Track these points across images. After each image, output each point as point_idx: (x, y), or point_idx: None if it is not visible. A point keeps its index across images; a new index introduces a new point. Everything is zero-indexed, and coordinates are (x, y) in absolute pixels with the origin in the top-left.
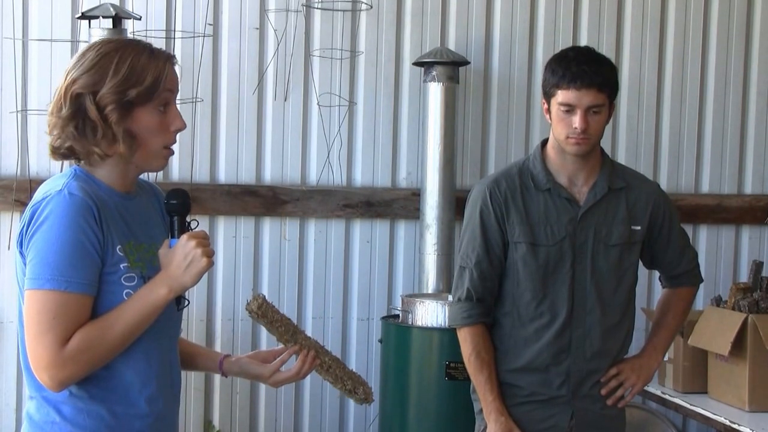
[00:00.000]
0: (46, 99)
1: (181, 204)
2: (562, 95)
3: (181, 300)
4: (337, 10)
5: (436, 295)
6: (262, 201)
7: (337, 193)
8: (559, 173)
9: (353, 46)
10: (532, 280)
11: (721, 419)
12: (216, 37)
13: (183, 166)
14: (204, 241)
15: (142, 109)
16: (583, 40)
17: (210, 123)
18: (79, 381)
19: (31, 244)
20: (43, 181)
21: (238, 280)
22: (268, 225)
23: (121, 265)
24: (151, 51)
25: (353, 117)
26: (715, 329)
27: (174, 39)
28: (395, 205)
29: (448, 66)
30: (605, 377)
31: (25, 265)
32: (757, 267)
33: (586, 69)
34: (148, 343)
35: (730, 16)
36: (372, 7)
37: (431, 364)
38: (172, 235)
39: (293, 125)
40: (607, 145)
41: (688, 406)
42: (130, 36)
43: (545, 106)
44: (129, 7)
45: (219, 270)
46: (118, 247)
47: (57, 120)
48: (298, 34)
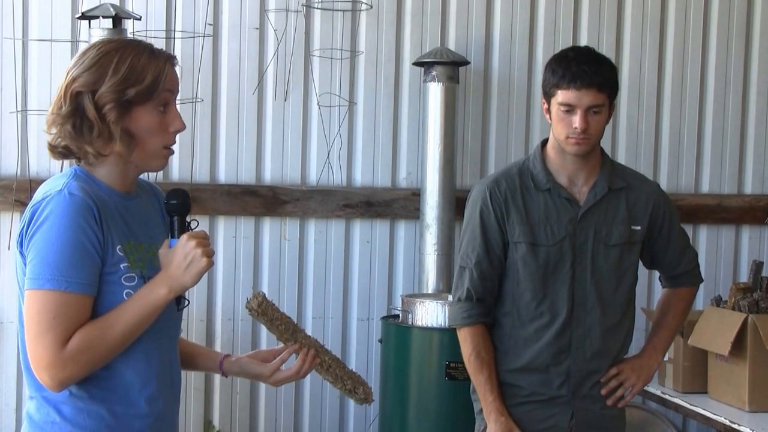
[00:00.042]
0: (46, 99)
1: (181, 204)
2: (562, 95)
3: (181, 300)
4: (337, 10)
5: (436, 295)
6: (262, 201)
7: (337, 193)
8: (559, 173)
9: (353, 46)
10: (532, 280)
11: (721, 419)
12: (216, 37)
13: (183, 166)
14: (204, 241)
15: (141, 108)
16: (583, 40)
17: (210, 123)
18: (80, 381)
19: (31, 244)
20: (43, 182)
21: (238, 280)
22: (268, 225)
23: (122, 265)
24: (151, 51)
25: (353, 117)
26: (715, 329)
27: (174, 39)
28: (395, 205)
29: (448, 66)
30: (605, 377)
31: (25, 265)
32: (757, 267)
33: (586, 69)
34: (148, 343)
35: (730, 16)
36: (372, 7)
37: (431, 364)
38: (172, 235)
39: (293, 125)
40: (607, 145)
41: (688, 406)
42: (130, 36)
43: (545, 106)
44: (129, 7)
45: (219, 270)
46: (118, 247)
47: (56, 118)
48: (298, 34)
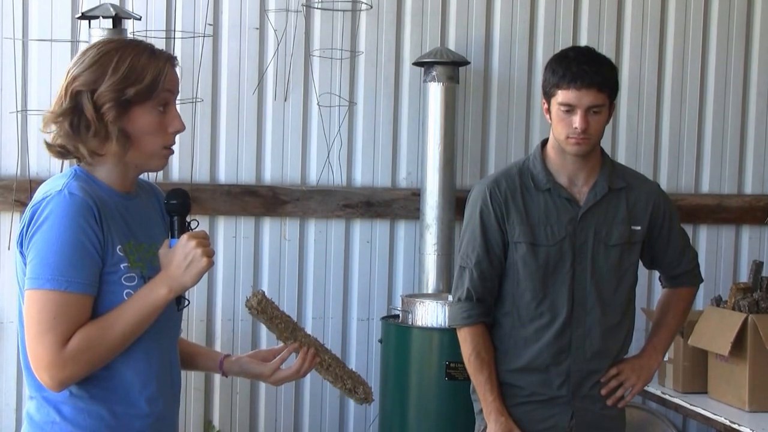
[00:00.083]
0: (46, 99)
1: (181, 204)
2: (562, 95)
3: (181, 300)
4: (337, 10)
5: (436, 295)
6: (262, 201)
7: (337, 193)
8: (559, 173)
9: (353, 46)
10: (532, 280)
11: (721, 419)
12: (216, 37)
13: (183, 166)
14: (204, 241)
15: (141, 108)
16: (583, 40)
17: (210, 123)
18: (80, 381)
19: (31, 244)
20: (43, 182)
21: (238, 280)
22: (268, 225)
23: (122, 265)
24: (152, 51)
25: (353, 117)
26: (715, 329)
27: (174, 39)
28: (395, 205)
29: (448, 66)
30: (605, 377)
31: (25, 265)
32: (757, 267)
33: (586, 69)
34: (148, 343)
35: (730, 16)
36: (372, 7)
37: (431, 364)
38: (172, 235)
39: (293, 125)
40: (607, 145)
41: (688, 406)
42: (131, 36)
43: (545, 106)
44: (129, 7)
45: (219, 270)
46: (119, 247)
47: (55, 116)
48: (298, 34)
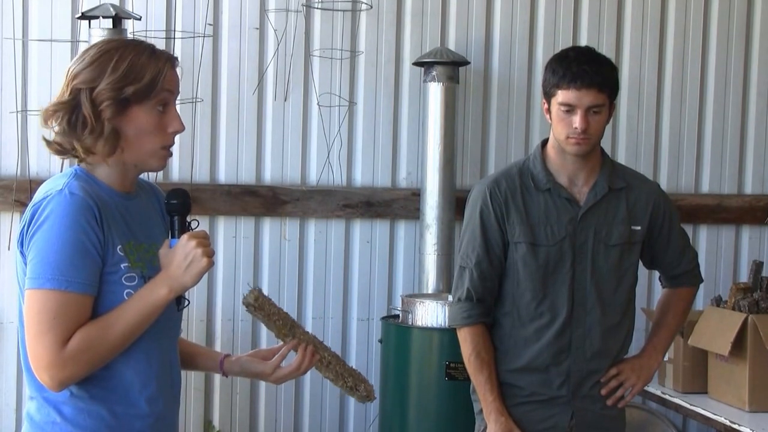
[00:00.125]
0: (46, 99)
1: (182, 204)
2: (562, 95)
3: (182, 300)
4: (337, 10)
5: (436, 296)
6: (262, 201)
7: (337, 193)
8: (559, 173)
9: (353, 46)
10: (532, 280)
11: (721, 419)
12: (216, 37)
13: (183, 166)
14: (204, 241)
15: (139, 107)
16: (583, 41)
17: (210, 123)
18: (80, 381)
19: (31, 243)
20: (43, 182)
21: (238, 281)
22: (268, 225)
23: (122, 265)
24: (152, 51)
25: (353, 117)
26: (715, 329)
27: (174, 39)
28: (395, 205)
29: (448, 66)
30: (605, 377)
31: (25, 265)
32: (757, 267)
33: (586, 69)
34: (148, 343)
35: (730, 16)
36: (372, 7)
37: (431, 364)
38: (173, 235)
39: (293, 125)
40: (607, 145)
41: (688, 406)
42: (131, 36)
43: (545, 106)
44: (129, 7)
45: (219, 270)
46: (119, 247)
47: (53, 111)
48: (298, 34)
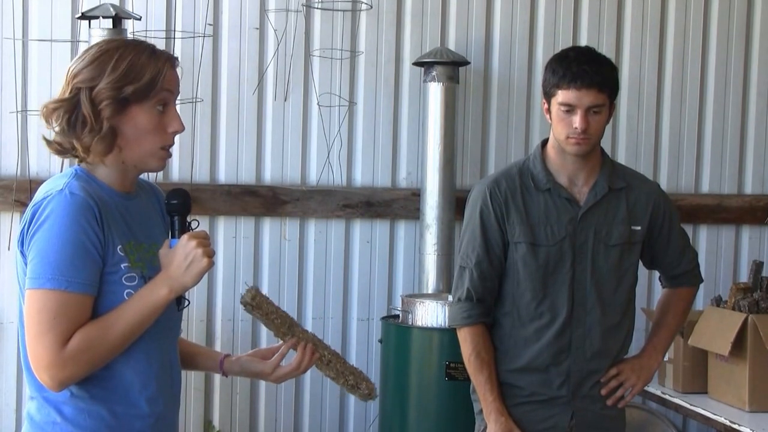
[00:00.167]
0: (46, 99)
1: (182, 204)
2: (562, 95)
3: (182, 300)
4: (337, 10)
5: (436, 296)
6: (262, 201)
7: (337, 193)
8: (559, 173)
9: (353, 46)
10: (532, 280)
11: (721, 419)
12: (216, 37)
13: (183, 166)
14: (205, 241)
15: (139, 107)
16: (583, 41)
17: (210, 123)
18: (80, 381)
19: (32, 243)
20: (43, 182)
21: (238, 281)
22: (268, 225)
23: (122, 265)
24: (152, 51)
25: (353, 117)
26: (715, 329)
27: (174, 39)
28: (395, 205)
29: (448, 66)
30: (605, 377)
31: (26, 265)
32: (757, 267)
33: (586, 69)
34: (148, 344)
35: (730, 16)
36: (372, 7)
37: (431, 364)
38: (173, 235)
39: (293, 125)
40: (607, 145)
41: (688, 406)
42: (131, 36)
43: (545, 106)
44: (129, 7)
45: (219, 270)
46: (119, 247)
47: (53, 109)
48: (298, 34)
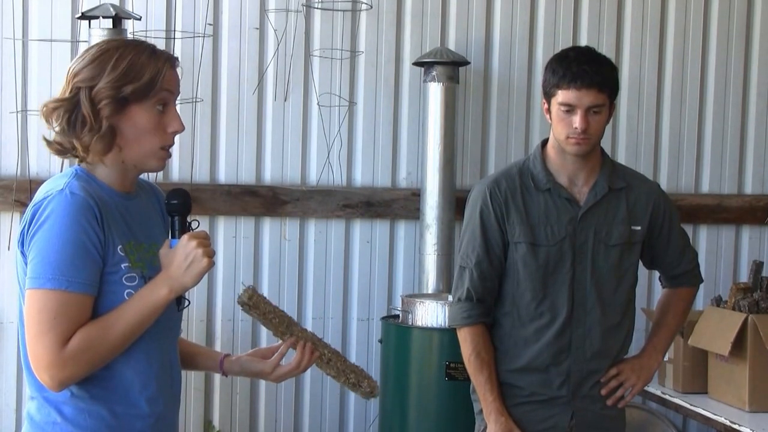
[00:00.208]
0: (46, 99)
1: (182, 204)
2: (562, 95)
3: (182, 300)
4: (337, 10)
5: (436, 296)
6: (262, 201)
7: (337, 193)
8: (559, 173)
9: (353, 46)
10: (532, 280)
11: (721, 419)
12: (216, 37)
13: (183, 166)
14: (205, 241)
15: (138, 106)
16: (583, 41)
17: (210, 123)
18: (80, 381)
19: (32, 243)
20: (43, 182)
21: (238, 281)
22: (268, 225)
23: (122, 265)
24: (152, 51)
25: (353, 117)
26: (715, 329)
27: (174, 39)
28: (395, 205)
29: (448, 66)
30: (605, 377)
31: (26, 265)
32: (757, 267)
33: (586, 69)
34: (148, 344)
35: (730, 16)
36: (372, 7)
37: (431, 364)
38: (173, 236)
39: (293, 125)
40: (607, 145)
41: (688, 406)
42: (131, 36)
43: (545, 106)
44: (129, 7)
45: (219, 270)
46: (119, 247)
47: (53, 108)
48: (298, 34)
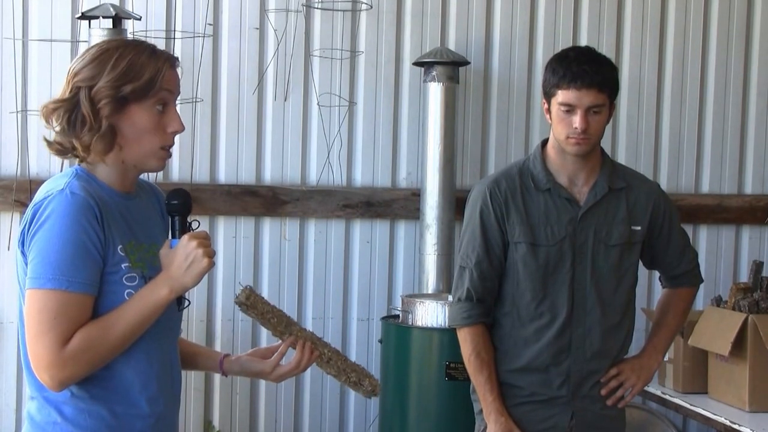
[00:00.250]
0: (46, 99)
1: (183, 204)
2: (562, 95)
3: (182, 300)
4: (337, 10)
5: (436, 296)
6: (262, 201)
7: (337, 193)
8: (559, 173)
9: (353, 46)
10: (532, 280)
11: (721, 419)
12: (216, 37)
13: (183, 166)
14: (205, 241)
15: (137, 106)
16: (583, 41)
17: (210, 123)
18: (80, 381)
19: (32, 243)
20: (43, 182)
21: (238, 281)
22: (268, 225)
23: (123, 265)
24: (152, 51)
25: (353, 117)
26: (715, 329)
27: (174, 39)
28: (395, 205)
29: (448, 66)
30: (605, 377)
31: (26, 265)
32: (757, 267)
33: (586, 69)
34: (148, 344)
35: (730, 16)
36: (372, 7)
37: (431, 365)
38: (174, 236)
39: (293, 125)
40: (607, 145)
41: (688, 406)
42: (131, 36)
43: (545, 106)
44: (129, 7)
45: (219, 270)
46: (120, 247)
47: (53, 108)
48: (298, 34)
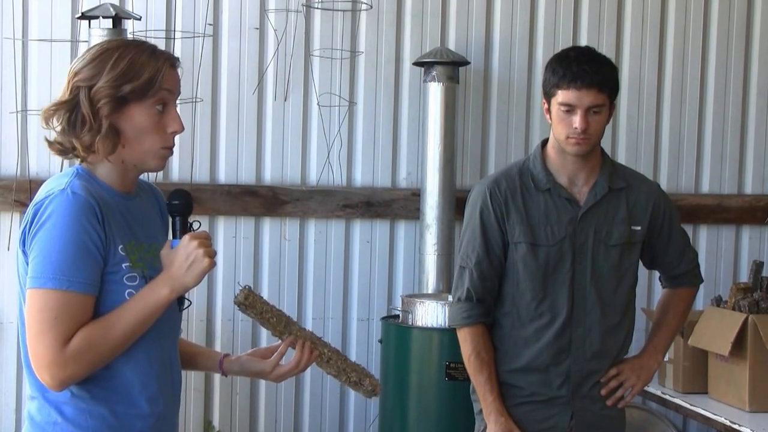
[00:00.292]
0: (46, 99)
1: (183, 204)
2: (562, 95)
3: (183, 300)
4: (337, 10)
5: (436, 296)
6: (262, 201)
7: (337, 193)
8: (559, 173)
9: (353, 46)
10: (532, 280)
11: (721, 419)
12: (216, 37)
13: (183, 166)
14: (206, 241)
15: (137, 106)
16: (583, 41)
17: (210, 123)
18: (81, 381)
19: (33, 242)
20: (43, 182)
21: (238, 281)
22: (268, 225)
23: (123, 265)
24: (152, 51)
25: (353, 117)
26: (715, 329)
27: (174, 39)
28: (395, 205)
29: (448, 66)
30: (605, 377)
31: (27, 264)
32: (757, 267)
33: (586, 69)
34: (149, 344)
35: (730, 16)
36: (372, 7)
37: (431, 365)
38: (174, 236)
39: (293, 125)
40: (607, 145)
41: (688, 406)
42: (130, 36)
43: (545, 106)
44: (129, 7)
45: (219, 270)
46: (120, 246)
47: (53, 110)
48: (298, 34)
